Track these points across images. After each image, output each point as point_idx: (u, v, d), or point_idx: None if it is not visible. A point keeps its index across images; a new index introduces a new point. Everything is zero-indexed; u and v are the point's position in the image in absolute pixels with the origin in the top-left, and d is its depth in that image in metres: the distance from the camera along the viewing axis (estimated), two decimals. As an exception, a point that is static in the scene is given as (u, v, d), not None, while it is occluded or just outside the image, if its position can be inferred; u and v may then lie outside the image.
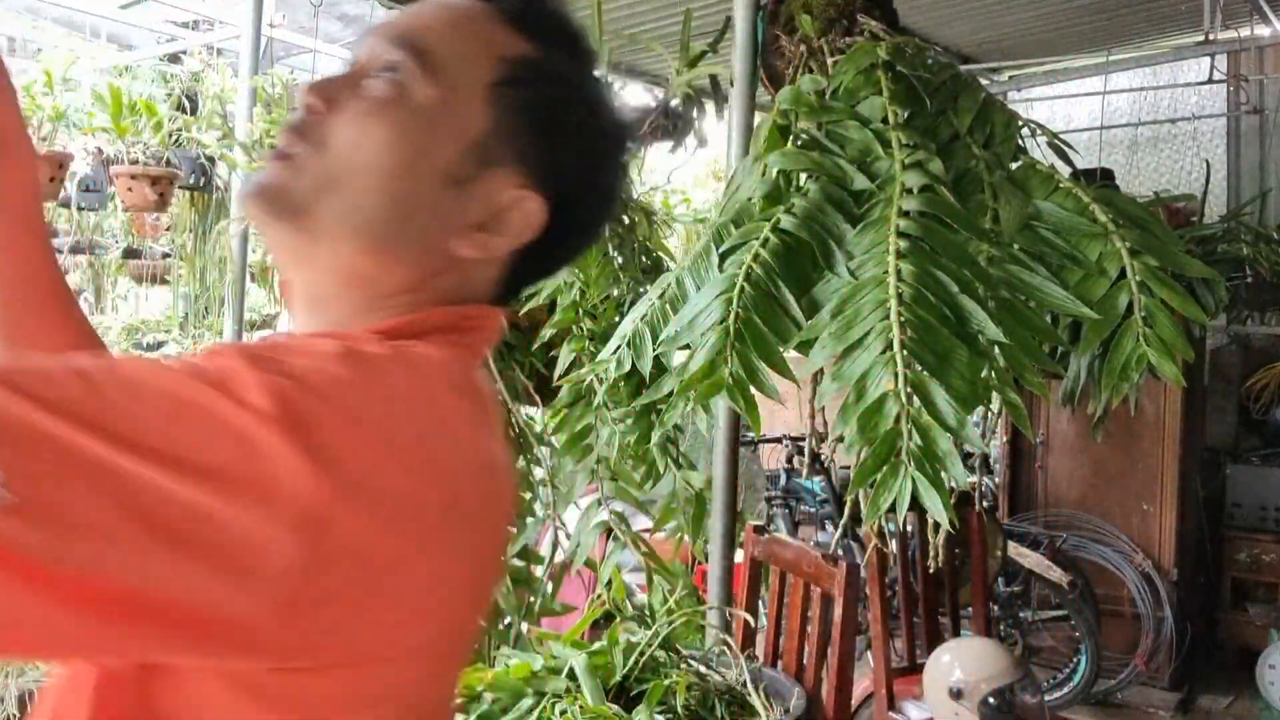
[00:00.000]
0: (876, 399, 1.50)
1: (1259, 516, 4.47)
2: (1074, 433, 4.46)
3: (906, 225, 1.66)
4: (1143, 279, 1.66)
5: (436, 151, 0.69)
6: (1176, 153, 5.53)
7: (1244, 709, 4.22)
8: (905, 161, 1.77)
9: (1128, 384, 1.64)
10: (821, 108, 1.92)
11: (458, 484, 0.63)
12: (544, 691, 1.89)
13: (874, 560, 2.97)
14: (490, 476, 0.67)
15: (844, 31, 2.26)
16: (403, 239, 0.69)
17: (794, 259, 1.72)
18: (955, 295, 1.58)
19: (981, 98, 1.95)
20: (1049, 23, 4.64)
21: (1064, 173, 1.90)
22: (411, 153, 0.69)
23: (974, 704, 2.56)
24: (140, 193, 3.42)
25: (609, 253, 2.38)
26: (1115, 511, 4.36)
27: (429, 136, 0.69)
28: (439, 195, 0.70)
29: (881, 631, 2.96)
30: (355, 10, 5.01)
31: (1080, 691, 4.03)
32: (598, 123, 0.76)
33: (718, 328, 1.64)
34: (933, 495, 1.43)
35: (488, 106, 0.70)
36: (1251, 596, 4.49)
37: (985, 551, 3.32)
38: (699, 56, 2.42)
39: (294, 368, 0.57)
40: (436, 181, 0.70)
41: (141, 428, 0.51)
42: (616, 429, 2.27)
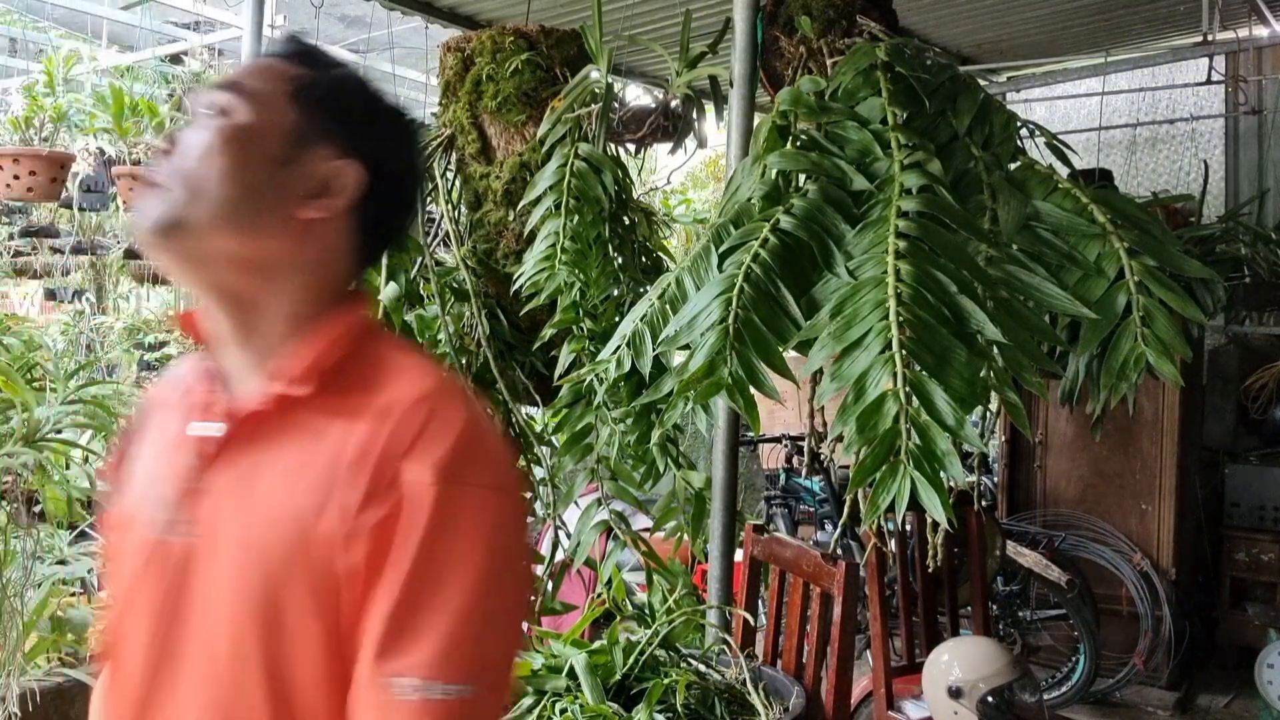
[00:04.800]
0: (875, 399, 1.51)
1: (1257, 516, 4.47)
2: (1073, 432, 4.47)
3: (905, 226, 1.66)
4: (1141, 279, 1.67)
5: (262, 145, 0.94)
6: (1175, 153, 5.54)
7: (1242, 708, 4.23)
8: (904, 162, 1.78)
9: (1126, 384, 1.65)
10: (821, 108, 1.92)
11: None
12: (544, 690, 1.90)
13: (873, 560, 2.97)
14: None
15: (843, 32, 2.26)
16: (258, 213, 0.93)
17: (793, 259, 1.73)
18: (954, 295, 1.59)
19: (980, 98, 1.96)
20: (1048, 23, 4.65)
21: (1063, 173, 1.91)
22: (243, 150, 0.93)
23: (973, 703, 2.57)
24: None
25: (609, 253, 2.38)
26: (1114, 511, 4.37)
27: (253, 136, 0.94)
28: (273, 174, 0.94)
29: (880, 631, 2.97)
30: (355, 11, 5.01)
31: (1079, 690, 4.03)
32: (377, 104, 1.02)
33: (717, 328, 1.64)
34: (931, 495, 1.44)
35: (291, 106, 0.96)
36: (1250, 596, 4.50)
37: (984, 551, 3.32)
38: (699, 57, 2.42)
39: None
40: (267, 165, 0.94)
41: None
42: (616, 429, 2.28)
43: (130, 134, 3.44)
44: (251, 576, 0.89)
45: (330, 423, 0.91)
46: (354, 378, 0.94)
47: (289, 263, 0.95)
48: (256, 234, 0.93)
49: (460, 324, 2.54)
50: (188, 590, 0.92)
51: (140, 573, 0.95)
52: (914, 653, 3.05)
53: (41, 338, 4.40)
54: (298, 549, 0.88)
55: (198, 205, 0.91)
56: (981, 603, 3.25)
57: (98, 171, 3.74)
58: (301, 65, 0.99)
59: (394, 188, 1.02)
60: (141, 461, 1.02)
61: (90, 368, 4.06)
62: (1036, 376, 1.60)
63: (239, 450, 0.94)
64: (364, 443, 0.89)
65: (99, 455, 3.65)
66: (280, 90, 0.96)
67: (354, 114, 0.99)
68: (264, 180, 0.93)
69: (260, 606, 0.88)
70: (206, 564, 0.92)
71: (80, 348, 5.63)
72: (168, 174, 0.93)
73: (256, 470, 0.92)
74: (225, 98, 0.95)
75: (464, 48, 2.57)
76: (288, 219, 0.94)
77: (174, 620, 0.93)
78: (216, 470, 0.94)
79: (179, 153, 0.94)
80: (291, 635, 0.88)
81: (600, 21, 2.40)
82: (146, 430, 1.05)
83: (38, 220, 5.33)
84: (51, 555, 3.70)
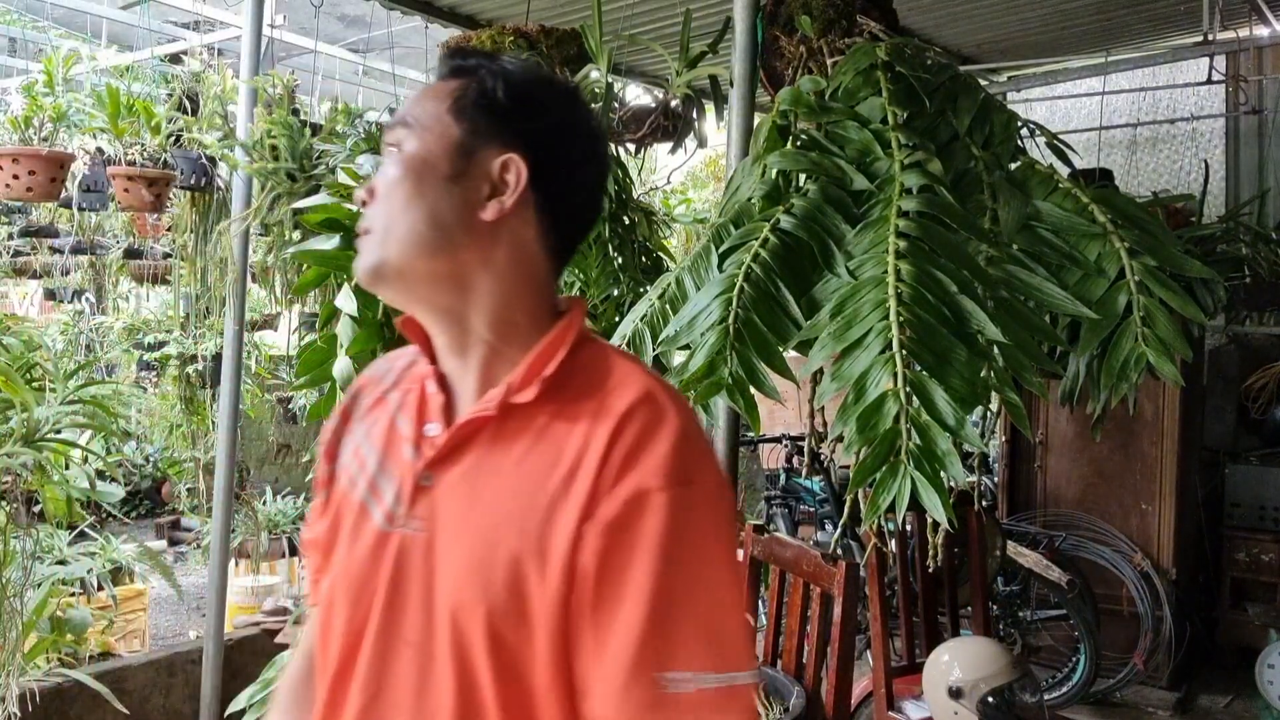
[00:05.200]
0: (876, 399, 1.51)
1: (1258, 516, 4.47)
2: (1073, 432, 4.46)
3: (906, 225, 1.66)
4: (1141, 279, 1.67)
5: (435, 167, 0.98)
6: (1175, 153, 5.53)
7: (1242, 708, 4.23)
8: (904, 162, 1.77)
9: (1126, 384, 1.65)
10: (821, 108, 1.92)
11: None
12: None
13: (873, 560, 2.97)
14: None
15: (843, 32, 2.26)
16: (447, 231, 0.97)
17: (793, 259, 1.73)
18: (954, 295, 1.58)
19: (981, 98, 1.96)
20: (1048, 23, 4.64)
21: (1063, 173, 1.91)
22: (418, 178, 0.98)
23: (973, 703, 2.56)
24: (137, 194, 3.42)
25: (609, 253, 2.38)
26: (1114, 511, 4.37)
27: (424, 162, 0.98)
28: (450, 191, 0.98)
29: (881, 631, 2.96)
30: (355, 11, 5.01)
31: (1079, 691, 4.03)
32: (528, 91, 1.02)
33: (717, 328, 1.64)
34: (932, 495, 1.44)
35: (453, 120, 0.99)
36: (1250, 596, 4.49)
37: (984, 551, 3.32)
38: (699, 57, 2.42)
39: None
40: (443, 184, 0.98)
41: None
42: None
43: (126, 134, 3.43)
44: (479, 573, 0.92)
45: (554, 426, 0.95)
46: (575, 382, 0.97)
47: (482, 269, 0.99)
48: (451, 251, 0.98)
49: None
50: (406, 582, 0.96)
51: (360, 561, 0.99)
52: (914, 653, 3.05)
53: (41, 338, 4.40)
54: (529, 552, 0.91)
55: (393, 242, 0.97)
56: (982, 603, 3.25)
57: (96, 172, 3.74)
58: (457, 76, 1.02)
59: (565, 168, 1.02)
60: (358, 450, 1.06)
61: (90, 368, 4.06)
62: (1037, 376, 1.59)
63: (463, 451, 0.97)
64: (590, 446, 0.92)
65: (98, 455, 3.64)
66: (441, 109, 1.00)
67: (505, 107, 1.00)
68: (443, 199, 0.98)
69: (488, 601, 0.91)
70: (429, 558, 0.95)
71: (80, 348, 5.63)
72: (368, 219, 1.00)
73: (482, 471, 0.96)
74: (397, 134, 1.00)
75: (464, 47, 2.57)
76: (471, 227, 0.98)
77: (390, 608, 0.96)
78: (441, 469, 0.97)
79: (374, 197, 1.00)
80: (518, 629, 0.91)
81: (600, 21, 2.40)
82: (360, 418, 1.09)
83: (37, 220, 5.34)
84: (51, 555, 3.70)
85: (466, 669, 0.92)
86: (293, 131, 3.00)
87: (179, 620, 5.27)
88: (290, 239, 3.10)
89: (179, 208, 3.73)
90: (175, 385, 4.58)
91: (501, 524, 0.92)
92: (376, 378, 1.12)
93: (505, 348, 0.99)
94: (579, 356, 0.99)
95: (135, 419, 4.96)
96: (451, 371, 1.02)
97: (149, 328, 5.23)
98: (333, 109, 3.32)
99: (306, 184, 2.98)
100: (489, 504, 0.94)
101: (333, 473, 1.08)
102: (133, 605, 4.24)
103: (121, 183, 3.44)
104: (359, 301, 2.17)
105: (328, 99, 4.75)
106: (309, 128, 3.08)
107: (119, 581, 4.15)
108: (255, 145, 3.08)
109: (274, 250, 3.28)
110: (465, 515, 0.95)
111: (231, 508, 3.60)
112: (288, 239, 3.11)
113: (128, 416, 4.67)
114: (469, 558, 0.93)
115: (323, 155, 3.01)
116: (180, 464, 5.31)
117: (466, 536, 0.94)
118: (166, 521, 6.85)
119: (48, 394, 3.01)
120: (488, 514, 0.94)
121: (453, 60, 1.04)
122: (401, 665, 0.95)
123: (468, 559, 0.93)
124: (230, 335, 3.46)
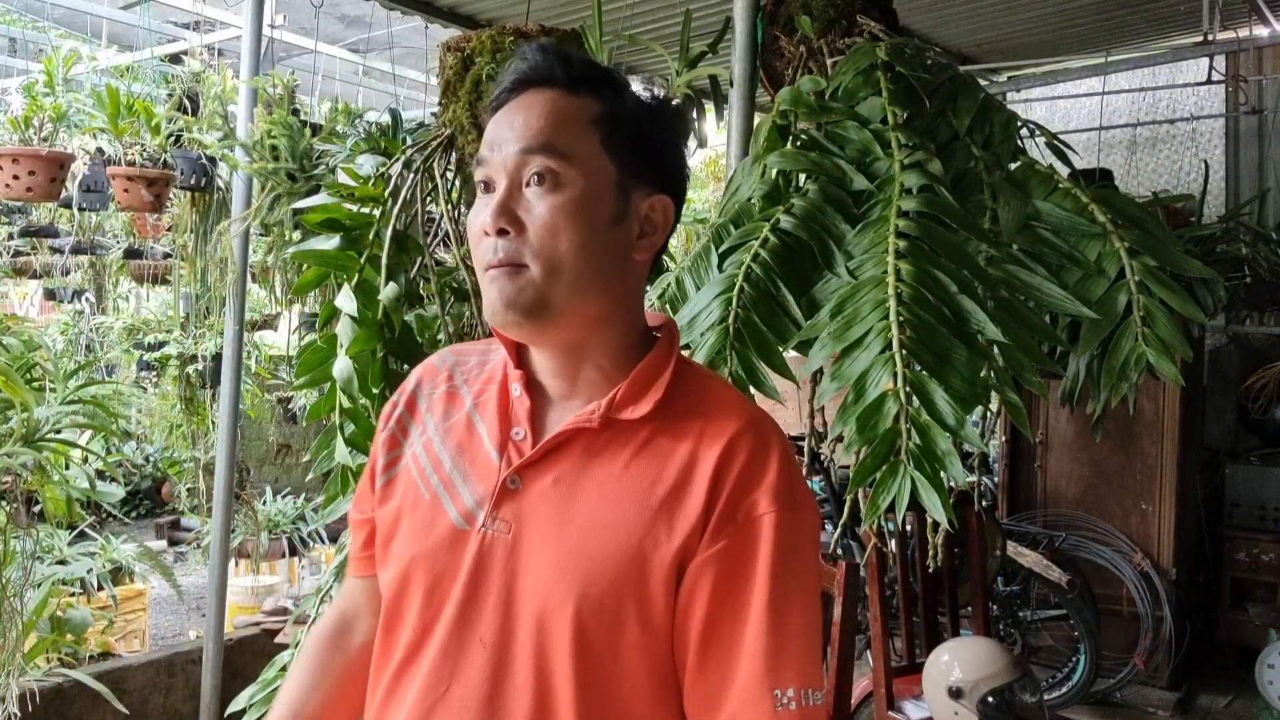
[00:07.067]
0: (876, 398, 1.51)
1: (1258, 516, 4.47)
2: (1073, 432, 4.46)
3: (906, 225, 1.66)
4: (1141, 279, 1.67)
5: (601, 210, 0.95)
6: (1175, 153, 5.53)
7: (1242, 708, 4.23)
8: (904, 162, 1.77)
9: (1127, 384, 1.65)
10: (821, 108, 1.92)
11: None
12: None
13: (873, 560, 2.97)
14: None
15: (843, 32, 2.26)
16: (611, 274, 0.97)
17: (793, 259, 1.73)
18: (954, 295, 1.58)
19: (981, 98, 1.96)
20: (1048, 23, 4.64)
21: (1063, 173, 1.90)
22: (589, 220, 0.94)
23: (973, 703, 2.56)
24: (136, 194, 3.42)
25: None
26: (1114, 511, 4.37)
27: (592, 203, 0.95)
28: (615, 233, 0.97)
29: (881, 631, 2.96)
30: (355, 11, 5.01)
31: (1079, 691, 4.03)
32: (669, 130, 1.03)
33: (717, 328, 1.64)
34: (932, 494, 1.44)
35: (607, 158, 0.96)
36: (1250, 596, 4.50)
37: (984, 551, 3.32)
38: (699, 57, 2.42)
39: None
40: (608, 226, 0.96)
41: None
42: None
43: (126, 134, 3.44)
44: (571, 581, 0.93)
45: (657, 442, 0.97)
46: (677, 401, 0.99)
47: (621, 305, 1.00)
48: (608, 293, 0.97)
49: (460, 324, 2.54)
50: (486, 582, 0.96)
51: (434, 556, 0.99)
52: (914, 653, 3.05)
53: (41, 338, 4.40)
54: (627, 561, 0.92)
55: (560, 283, 0.94)
56: (982, 603, 3.25)
57: (97, 172, 3.74)
58: (579, 93, 0.97)
59: (680, 203, 1.04)
60: (429, 443, 1.05)
61: (90, 368, 4.06)
62: (1037, 376, 1.59)
63: (556, 458, 0.98)
64: (698, 464, 0.94)
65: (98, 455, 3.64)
66: (592, 142, 0.96)
67: (658, 147, 1.01)
68: (611, 245, 0.96)
69: (578, 602, 0.92)
70: (513, 560, 0.95)
71: (80, 348, 5.63)
72: (514, 253, 0.94)
73: (580, 479, 0.96)
74: (546, 163, 0.94)
75: (464, 47, 2.57)
76: (626, 269, 0.99)
77: (468, 607, 0.97)
78: (532, 474, 0.98)
79: (523, 232, 0.94)
80: (608, 634, 0.93)
81: (600, 21, 2.40)
82: (429, 409, 1.08)
83: (37, 220, 5.33)
84: (51, 555, 3.71)
85: (546, 672, 0.93)
86: (293, 131, 3.00)
87: (179, 620, 5.28)
88: (290, 239, 3.10)
89: (179, 208, 3.73)
90: (175, 385, 4.58)
91: (599, 530, 0.94)
92: (445, 370, 1.11)
93: (612, 369, 1.00)
94: (679, 375, 1.00)
95: (135, 419, 4.96)
96: (545, 381, 1.03)
97: (149, 328, 5.22)
98: (333, 109, 3.32)
99: (306, 184, 2.98)
100: (585, 511, 0.95)
101: (394, 460, 1.07)
102: (133, 605, 4.24)
103: (121, 183, 3.44)
104: (359, 301, 2.17)
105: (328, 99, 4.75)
106: (309, 128, 3.08)
107: (119, 581, 4.16)
108: (255, 145, 3.08)
109: (274, 250, 3.28)
110: (558, 520, 0.95)
111: (231, 508, 3.61)
112: (288, 239, 3.11)
113: (128, 416, 4.67)
114: (561, 560, 0.94)
115: (323, 155, 3.01)
116: (180, 464, 5.31)
117: (558, 540, 0.94)
118: (166, 521, 6.86)
119: (48, 394, 3.01)
120: (584, 520, 0.94)
121: (567, 69, 0.98)
122: (475, 665, 0.95)
123: (559, 561, 0.94)
124: (230, 335, 3.46)
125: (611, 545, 0.93)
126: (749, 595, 0.92)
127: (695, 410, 0.98)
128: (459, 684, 0.96)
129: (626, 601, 0.92)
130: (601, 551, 0.93)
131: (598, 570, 0.92)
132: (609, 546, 0.93)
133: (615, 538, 0.93)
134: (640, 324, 1.04)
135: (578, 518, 0.95)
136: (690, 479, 0.94)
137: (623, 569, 0.92)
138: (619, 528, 0.93)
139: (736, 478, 0.93)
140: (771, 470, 0.94)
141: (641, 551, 0.92)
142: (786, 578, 0.93)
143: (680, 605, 0.93)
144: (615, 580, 0.92)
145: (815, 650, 0.96)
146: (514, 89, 0.98)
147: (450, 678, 0.96)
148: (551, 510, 0.96)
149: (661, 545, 0.92)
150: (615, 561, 0.92)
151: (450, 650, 0.97)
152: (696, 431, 0.96)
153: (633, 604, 0.92)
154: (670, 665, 0.95)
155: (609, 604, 0.92)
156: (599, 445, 0.97)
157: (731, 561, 0.92)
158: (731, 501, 0.93)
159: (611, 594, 0.92)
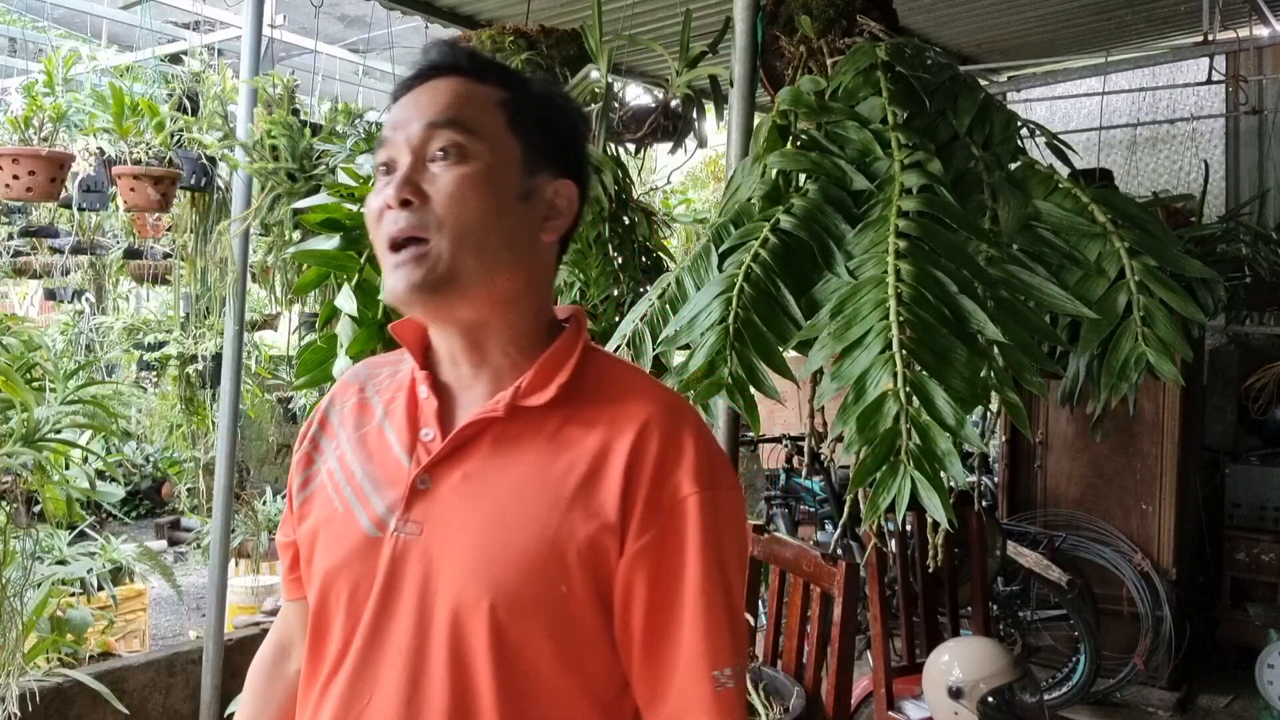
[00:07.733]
0: (876, 399, 1.51)
1: (1258, 516, 4.47)
2: (1073, 432, 4.46)
3: (906, 225, 1.66)
4: (1141, 279, 1.67)
5: (508, 185, 0.95)
6: (1175, 153, 5.53)
7: (1243, 708, 4.23)
8: (904, 162, 1.77)
9: (1127, 384, 1.65)
10: (821, 108, 1.92)
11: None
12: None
13: (873, 560, 2.97)
14: None
15: (843, 32, 2.26)
16: (518, 249, 0.96)
17: (793, 259, 1.73)
18: (954, 295, 1.58)
19: (981, 98, 1.96)
20: (1048, 23, 4.64)
21: (1063, 173, 1.91)
22: (496, 193, 0.94)
23: (973, 703, 2.56)
24: (142, 193, 3.42)
25: (609, 253, 2.38)
26: (1114, 511, 4.36)
27: (499, 177, 0.94)
28: (522, 209, 0.96)
29: (881, 631, 2.96)
30: (355, 11, 5.01)
31: (1079, 691, 4.03)
32: (575, 116, 1.05)
33: (717, 328, 1.64)
34: (932, 495, 1.44)
35: (513, 138, 0.96)
36: (1250, 596, 4.49)
37: (984, 551, 3.32)
38: (699, 57, 2.42)
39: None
40: (516, 201, 0.96)
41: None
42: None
43: (130, 134, 3.44)
44: (485, 578, 0.92)
45: (567, 430, 0.96)
46: (585, 388, 0.98)
47: (529, 288, 0.99)
48: (517, 270, 0.97)
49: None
50: (400, 586, 0.95)
51: (349, 568, 0.98)
52: (914, 653, 3.05)
53: (41, 338, 4.40)
54: (542, 555, 0.91)
55: (465, 252, 0.92)
56: (982, 603, 3.25)
57: (97, 172, 3.74)
58: (486, 80, 0.98)
59: (586, 194, 1.05)
60: (343, 457, 1.04)
61: (90, 368, 4.06)
62: (1037, 376, 1.59)
63: (465, 453, 0.96)
64: (611, 452, 0.93)
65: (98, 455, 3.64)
66: (498, 122, 0.96)
67: (562, 133, 1.01)
68: (519, 219, 0.96)
69: (493, 596, 0.91)
70: (426, 560, 0.94)
71: (80, 348, 5.63)
72: (417, 225, 0.92)
73: (488, 472, 0.95)
74: (453, 137, 0.94)
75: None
76: (535, 248, 0.99)
77: (381, 615, 0.95)
78: (441, 471, 0.96)
79: (426, 203, 0.92)
80: (524, 626, 0.92)
81: (600, 21, 2.40)
82: (342, 424, 1.07)
83: (37, 220, 5.33)
84: (51, 555, 3.70)
85: (464, 673, 0.92)
86: (293, 131, 3.00)
87: (179, 620, 5.27)
88: (290, 239, 3.10)
89: (179, 208, 3.73)
90: (175, 385, 4.58)
91: (511, 522, 0.92)
92: (357, 384, 1.10)
93: (520, 357, 0.99)
94: (586, 363, 1.00)
95: (135, 419, 4.96)
96: (451, 378, 1.01)
97: (149, 328, 5.22)
98: (333, 109, 3.32)
99: (306, 184, 2.98)
100: (496, 502, 0.94)
101: (310, 478, 1.06)
102: (133, 605, 4.24)
103: (127, 182, 3.44)
104: (359, 301, 2.17)
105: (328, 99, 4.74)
106: (309, 128, 3.08)
107: (119, 581, 4.15)
108: (255, 145, 3.08)
109: (274, 250, 3.28)
110: (469, 514, 0.94)
111: (231, 508, 3.60)
112: (288, 239, 3.11)
113: (128, 416, 4.67)
114: (473, 554, 0.92)
115: (323, 155, 3.01)
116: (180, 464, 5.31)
117: (470, 534, 0.93)
118: (166, 521, 6.85)
119: (48, 394, 3.01)
120: (495, 512, 0.93)
121: (473, 60, 0.99)
122: (393, 672, 0.94)
123: (472, 555, 0.92)
124: (230, 335, 3.45)
125: (525, 539, 0.91)
126: (682, 581, 0.92)
127: (606, 397, 0.97)
128: (379, 693, 0.94)
129: (543, 596, 0.91)
130: (515, 546, 0.91)
131: (512, 565, 0.91)
132: (522, 540, 0.91)
133: (528, 531, 0.91)
134: (549, 313, 1.03)
135: (489, 512, 0.93)
136: (604, 467, 0.93)
137: (538, 563, 0.91)
138: (532, 520, 0.92)
139: (654, 464, 0.93)
140: (689, 452, 0.94)
141: (557, 544, 0.91)
142: (717, 558, 0.93)
143: (619, 599, 0.93)
144: (530, 575, 0.91)
145: (744, 622, 0.98)
146: (419, 76, 0.98)
147: (372, 687, 0.95)
148: (462, 506, 0.94)
149: (578, 536, 0.91)
150: (529, 555, 0.91)
151: (370, 659, 0.95)
152: (608, 419, 0.95)
153: (550, 598, 0.91)
154: (599, 659, 0.95)
155: (525, 599, 0.91)
156: (508, 437, 0.96)
157: (663, 550, 0.92)
158: (654, 489, 0.92)
159: (527, 589, 0.91)
